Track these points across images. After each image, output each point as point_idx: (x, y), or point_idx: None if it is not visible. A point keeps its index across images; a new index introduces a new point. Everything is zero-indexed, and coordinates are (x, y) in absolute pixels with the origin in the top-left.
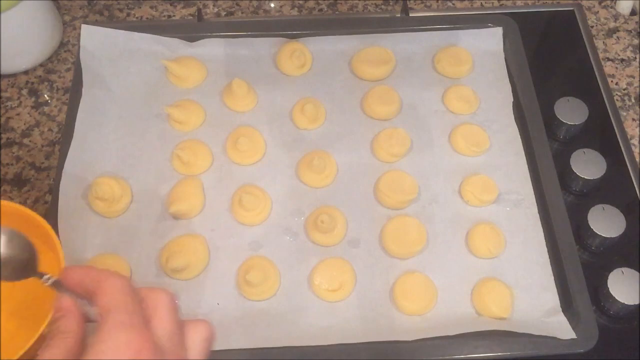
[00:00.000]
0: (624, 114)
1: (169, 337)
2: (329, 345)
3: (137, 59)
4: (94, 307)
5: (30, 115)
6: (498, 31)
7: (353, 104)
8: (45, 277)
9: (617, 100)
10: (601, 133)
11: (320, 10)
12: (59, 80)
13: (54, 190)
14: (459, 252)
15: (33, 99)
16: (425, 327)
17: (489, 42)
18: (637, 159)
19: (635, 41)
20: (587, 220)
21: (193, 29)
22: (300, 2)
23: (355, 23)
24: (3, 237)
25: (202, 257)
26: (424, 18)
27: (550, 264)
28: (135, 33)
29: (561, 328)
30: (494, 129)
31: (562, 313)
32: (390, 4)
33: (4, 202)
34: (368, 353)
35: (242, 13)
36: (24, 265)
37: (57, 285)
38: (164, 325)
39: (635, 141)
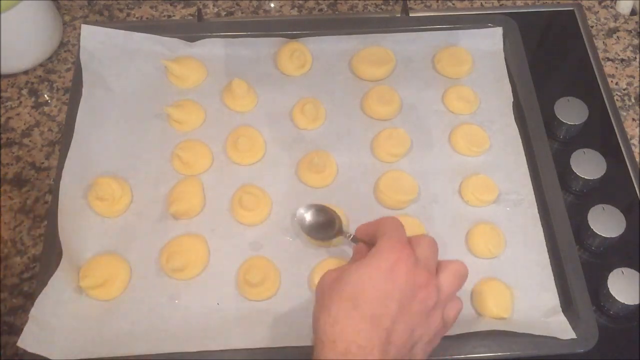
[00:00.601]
0: (624, 114)
1: (425, 258)
2: None
3: (137, 59)
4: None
5: (30, 115)
6: (498, 31)
7: (353, 104)
8: (347, 234)
9: (617, 100)
10: (601, 133)
11: (320, 10)
12: (59, 80)
13: (54, 190)
14: (458, 252)
15: (33, 99)
16: None
17: (489, 42)
18: (637, 159)
19: (635, 41)
20: (587, 220)
21: (193, 29)
22: (300, 2)
23: (355, 23)
24: (320, 211)
25: (202, 257)
26: (424, 18)
27: (550, 264)
28: (135, 33)
29: (561, 328)
30: (494, 129)
31: (562, 313)
32: (390, 4)
33: None
34: None
35: (242, 13)
36: (334, 228)
37: (354, 239)
38: (423, 250)
39: (635, 141)
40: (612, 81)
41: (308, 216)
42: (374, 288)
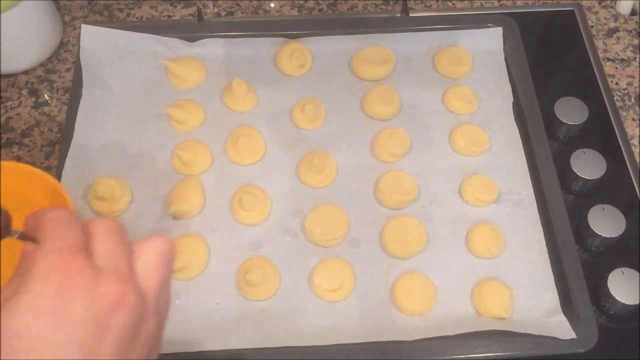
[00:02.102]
0: (624, 114)
1: (110, 257)
2: (329, 345)
3: (137, 59)
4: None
5: (30, 115)
6: (498, 31)
7: (353, 104)
8: (14, 232)
9: (617, 100)
10: (601, 133)
11: (320, 10)
12: (59, 80)
13: None
14: (459, 252)
15: (33, 99)
16: (425, 327)
17: (489, 42)
18: (637, 159)
19: (635, 41)
20: (587, 220)
21: (193, 29)
22: (300, 2)
23: (355, 23)
24: None
25: (202, 257)
26: (424, 18)
27: (550, 264)
28: (135, 33)
29: (561, 328)
30: (494, 129)
31: (562, 313)
32: (390, 4)
33: (5, 163)
34: (368, 353)
35: (242, 13)
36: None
37: (23, 236)
38: (103, 247)
39: (635, 141)
40: (612, 81)
41: None
42: (41, 339)
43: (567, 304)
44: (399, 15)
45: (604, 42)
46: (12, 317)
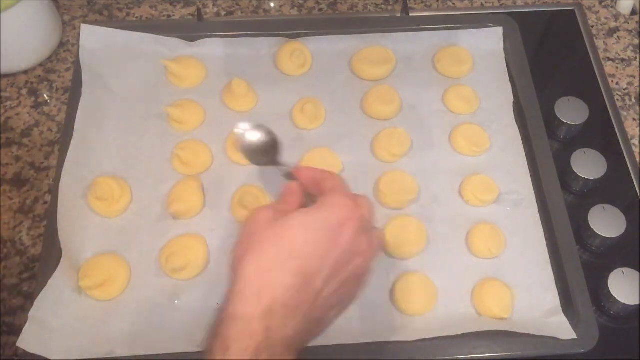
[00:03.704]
0: (625, 113)
1: (367, 221)
2: (328, 345)
3: (137, 58)
4: (321, 191)
5: (30, 115)
6: (498, 31)
7: (353, 104)
8: (282, 167)
9: (617, 100)
10: (602, 133)
11: (320, 10)
12: (58, 80)
13: (53, 190)
14: (459, 252)
15: (33, 98)
16: (426, 328)
17: (489, 42)
18: (638, 159)
19: (636, 41)
20: (588, 220)
21: (193, 29)
22: (300, 2)
23: (355, 23)
24: (262, 131)
25: (202, 257)
26: (424, 18)
27: (551, 264)
28: (135, 33)
29: (562, 328)
30: (494, 129)
31: (562, 313)
32: (390, 3)
33: None
34: (368, 353)
35: (242, 13)
36: (271, 154)
37: (289, 176)
38: (366, 212)
39: (635, 141)
40: (612, 81)
41: (249, 135)
42: (315, 243)
43: (568, 304)
44: (399, 15)
45: (604, 42)
46: (304, 219)
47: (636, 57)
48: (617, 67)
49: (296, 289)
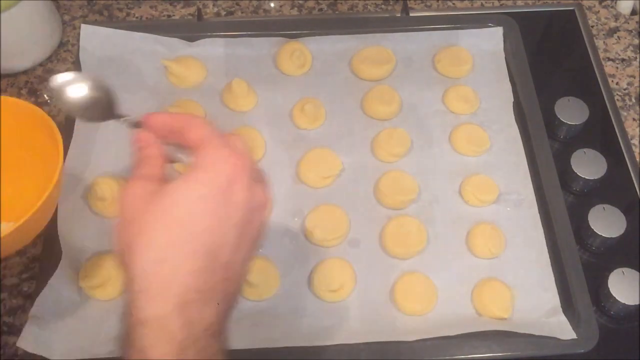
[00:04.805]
0: (625, 113)
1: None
2: (329, 346)
3: (137, 58)
4: (185, 142)
5: None
6: (498, 31)
7: (353, 104)
8: (123, 118)
9: (617, 100)
10: (602, 133)
11: (320, 10)
12: None
13: None
14: (459, 252)
15: (33, 98)
16: (426, 328)
17: (489, 42)
18: (638, 159)
19: (636, 41)
20: (588, 220)
21: (193, 29)
22: (300, 2)
23: (355, 23)
24: (89, 82)
25: None
26: (424, 18)
27: (551, 264)
28: (135, 33)
29: (562, 328)
30: (494, 129)
31: (562, 313)
32: (390, 3)
33: (4, 98)
34: (368, 353)
35: (242, 13)
36: (106, 107)
37: (137, 126)
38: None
39: (635, 141)
40: (612, 81)
41: (74, 89)
42: (209, 213)
43: (568, 304)
44: (399, 15)
45: (604, 42)
46: (188, 187)
47: (636, 57)
48: (617, 67)
49: (204, 270)
